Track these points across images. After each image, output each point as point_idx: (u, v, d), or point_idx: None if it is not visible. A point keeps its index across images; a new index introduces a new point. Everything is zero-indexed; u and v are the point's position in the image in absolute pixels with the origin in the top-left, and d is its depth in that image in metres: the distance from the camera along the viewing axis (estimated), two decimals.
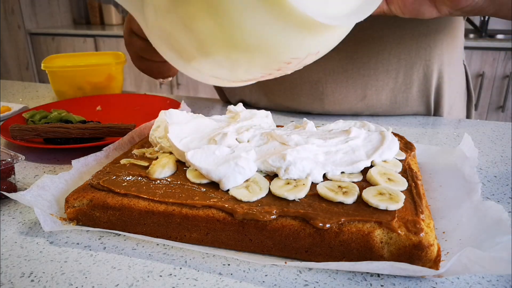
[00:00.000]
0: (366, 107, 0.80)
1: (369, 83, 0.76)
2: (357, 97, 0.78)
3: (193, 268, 0.37)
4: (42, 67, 0.97)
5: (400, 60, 0.74)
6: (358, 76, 0.75)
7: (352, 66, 0.74)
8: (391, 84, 0.76)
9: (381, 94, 0.78)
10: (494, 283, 0.35)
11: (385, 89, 0.77)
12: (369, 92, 0.77)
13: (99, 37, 2.82)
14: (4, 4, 2.89)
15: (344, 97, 0.78)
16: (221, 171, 0.42)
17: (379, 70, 0.75)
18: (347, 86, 0.76)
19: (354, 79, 0.76)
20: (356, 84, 0.76)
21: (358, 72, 0.75)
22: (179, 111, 0.55)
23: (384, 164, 0.46)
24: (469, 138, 0.55)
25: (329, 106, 0.80)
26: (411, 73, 0.76)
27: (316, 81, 0.77)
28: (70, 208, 0.43)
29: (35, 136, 0.65)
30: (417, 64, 0.75)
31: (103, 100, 0.91)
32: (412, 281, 0.35)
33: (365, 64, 0.74)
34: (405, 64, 0.74)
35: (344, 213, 0.38)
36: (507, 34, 2.34)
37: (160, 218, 0.41)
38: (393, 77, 0.76)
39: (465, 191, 0.44)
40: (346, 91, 0.77)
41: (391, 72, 0.75)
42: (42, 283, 0.36)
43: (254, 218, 0.38)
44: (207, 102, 0.97)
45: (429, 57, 0.75)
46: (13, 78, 3.13)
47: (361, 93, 0.77)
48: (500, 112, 2.11)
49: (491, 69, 2.05)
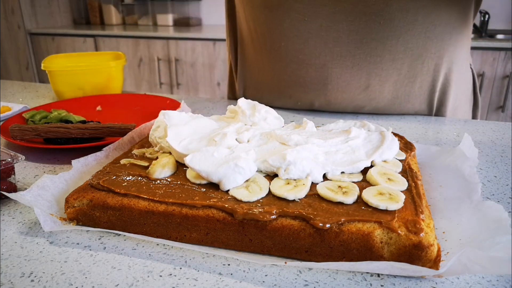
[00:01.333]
0: (368, 99, 0.80)
1: (373, 72, 0.76)
2: (360, 86, 0.78)
3: (193, 268, 0.37)
4: (42, 67, 0.97)
5: (407, 49, 0.74)
6: (364, 63, 0.75)
7: (359, 51, 0.74)
8: (395, 75, 0.76)
9: (384, 85, 0.78)
10: (494, 283, 0.35)
11: (388, 81, 0.77)
12: (373, 82, 0.77)
13: (99, 37, 2.82)
14: (4, 4, 2.89)
15: (347, 84, 0.78)
16: (220, 172, 0.42)
17: (385, 58, 0.75)
18: (351, 72, 0.77)
19: (360, 66, 0.76)
20: (361, 72, 0.77)
21: (364, 59, 0.75)
22: (177, 112, 0.55)
23: (384, 164, 0.46)
24: (469, 138, 0.55)
25: (331, 94, 0.80)
26: (416, 65, 0.76)
27: (323, 64, 0.77)
28: (70, 208, 0.43)
29: (35, 136, 0.65)
30: (422, 57, 0.75)
31: (103, 100, 0.91)
32: (412, 281, 0.35)
33: (372, 50, 0.74)
34: (411, 54, 0.74)
35: (344, 213, 0.38)
36: (507, 34, 2.34)
37: (160, 218, 0.41)
38: (397, 68, 0.76)
39: (465, 191, 0.44)
40: (351, 78, 0.77)
41: (396, 61, 0.75)
42: (42, 283, 0.36)
43: (254, 218, 0.38)
44: (207, 102, 0.97)
45: (435, 50, 0.75)
46: (13, 78, 3.13)
47: (364, 81, 0.77)
48: (500, 112, 2.11)
49: (491, 69, 2.05)
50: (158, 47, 2.66)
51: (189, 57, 2.62)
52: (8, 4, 2.89)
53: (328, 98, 0.81)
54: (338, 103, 0.82)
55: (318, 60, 0.77)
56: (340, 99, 0.81)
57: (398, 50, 0.74)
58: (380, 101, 0.80)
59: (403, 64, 0.75)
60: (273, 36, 0.79)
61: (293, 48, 0.78)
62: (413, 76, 0.77)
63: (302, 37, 0.76)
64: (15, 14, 2.90)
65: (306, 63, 0.78)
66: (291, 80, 0.82)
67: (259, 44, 0.83)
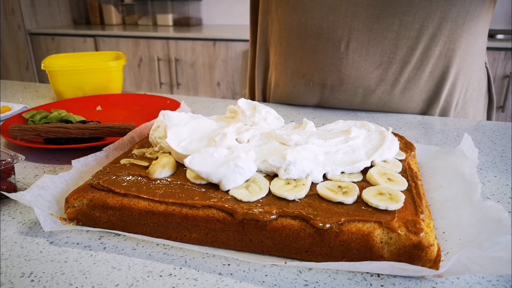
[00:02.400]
0: (379, 80, 0.80)
1: (388, 49, 0.77)
2: (374, 62, 0.79)
3: (193, 268, 0.37)
4: (42, 67, 0.97)
5: (422, 28, 0.75)
6: (380, 38, 0.77)
7: (376, 25, 0.76)
8: (408, 55, 0.77)
9: (398, 66, 0.78)
10: (494, 283, 0.35)
11: (402, 61, 0.78)
12: (386, 59, 0.78)
13: (99, 37, 2.82)
14: (4, 4, 2.89)
15: (362, 60, 0.79)
16: (220, 173, 0.42)
17: (401, 35, 0.76)
18: (367, 48, 0.78)
19: (376, 41, 0.77)
20: (376, 47, 0.78)
21: (381, 34, 0.76)
22: (177, 112, 0.55)
23: (384, 164, 0.46)
24: (469, 138, 0.55)
25: (346, 70, 0.81)
26: (430, 46, 0.77)
27: (340, 38, 0.79)
28: (70, 208, 0.43)
29: (35, 136, 0.65)
30: (437, 38, 0.76)
31: (103, 100, 0.91)
32: (412, 281, 0.35)
33: (389, 25, 0.75)
34: (426, 34, 0.75)
35: (344, 213, 0.38)
36: (507, 34, 2.34)
37: (160, 218, 0.41)
38: (412, 47, 0.76)
39: (465, 191, 0.44)
40: (366, 53, 0.78)
41: (411, 40, 0.76)
42: (42, 283, 0.36)
43: (254, 218, 0.38)
44: (207, 102, 0.97)
45: (449, 33, 0.76)
46: (13, 78, 3.13)
47: (379, 58, 0.78)
48: (500, 112, 2.11)
49: (491, 69, 2.04)
50: (158, 47, 2.66)
51: (189, 57, 2.62)
52: (8, 4, 2.89)
53: (342, 76, 0.82)
54: (351, 82, 0.82)
55: (336, 34, 0.79)
56: (354, 76, 0.81)
57: (414, 27, 0.75)
58: (391, 83, 0.80)
59: (417, 44, 0.76)
60: (294, 13, 0.81)
61: (312, 23, 0.80)
62: (426, 58, 0.77)
63: (321, 11, 0.78)
64: (15, 14, 2.90)
65: (324, 37, 0.80)
66: (307, 56, 0.83)
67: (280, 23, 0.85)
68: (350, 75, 0.81)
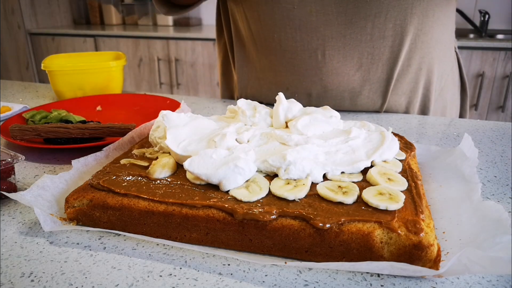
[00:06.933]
0: (363, 81, 0.81)
1: (365, 51, 0.78)
2: (354, 65, 0.80)
3: (193, 268, 0.37)
4: (42, 67, 0.97)
5: (395, 26, 0.76)
6: (355, 42, 0.77)
7: (350, 31, 0.76)
8: (387, 53, 0.78)
9: (378, 64, 0.79)
10: (494, 283, 0.35)
11: (381, 59, 0.79)
12: (365, 60, 0.79)
13: (99, 37, 2.82)
14: (4, 4, 2.89)
15: (342, 65, 0.80)
16: (220, 174, 0.42)
17: (375, 36, 0.76)
18: (344, 53, 0.79)
19: (351, 45, 0.78)
20: (353, 51, 0.78)
21: (355, 38, 0.77)
22: (176, 113, 0.55)
23: (384, 164, 0.46)
24: (469, 138, 0.55)
25: (327, 78, 0.81)
26: (405, 42, 0.77)
27: (315, 49, 0.79)
28: (70, 208, 0.43)
29: (35, 136, 0.65)
30: (410, 32, 0.77)
31: (103, 100, 0.91)
32: (412, 281, 0.35)
33: (362, 29, 0.76)
34: (400, 31, 0.76)
35: (344, 213, 0.38)
36: (507, 34, 2.34)
37: (160, 218, 0.41)
38: (389, 45, 0.77)
39: (465, 191, 0.44)
40: (344, 58, 0.79)
41: (387, 39, 0.77)
42: (42, 283, 0.36)
43: (254, 218, 0.38)
44: (207, 102, 0.97)
45: (421, 27, 0.77)
46: (13, 78, 3.13)
47: (357, 61, 0.79)
48: (500, 112, 2.11)
49: (491, 69, 2.05)
50: (158, 47, 2.66)
51: (189, 57, 2.62)
52: (8, 4, 2.89)
53: (324, 84, 0.82)
54: (335, 88, 0.83)
55: (311, 45, 0.79)
56: (336, 82, 0.82)
57: (387, 27, 0.76)
58: (375, 82, 0.81)
59: (393, 42, 0.77)
60: (266, 31, 0.82)
61: (285, 37, 0.80)
62: (403, 53, 0.78)
63: (293, 25, 0.78)
64: (15, 14, 2.90)
65: (300, 49, 0.80)
66: (287, 70, 0.84)
67: (255, 41, 0.85)
68: (332, 82, 0.82)
